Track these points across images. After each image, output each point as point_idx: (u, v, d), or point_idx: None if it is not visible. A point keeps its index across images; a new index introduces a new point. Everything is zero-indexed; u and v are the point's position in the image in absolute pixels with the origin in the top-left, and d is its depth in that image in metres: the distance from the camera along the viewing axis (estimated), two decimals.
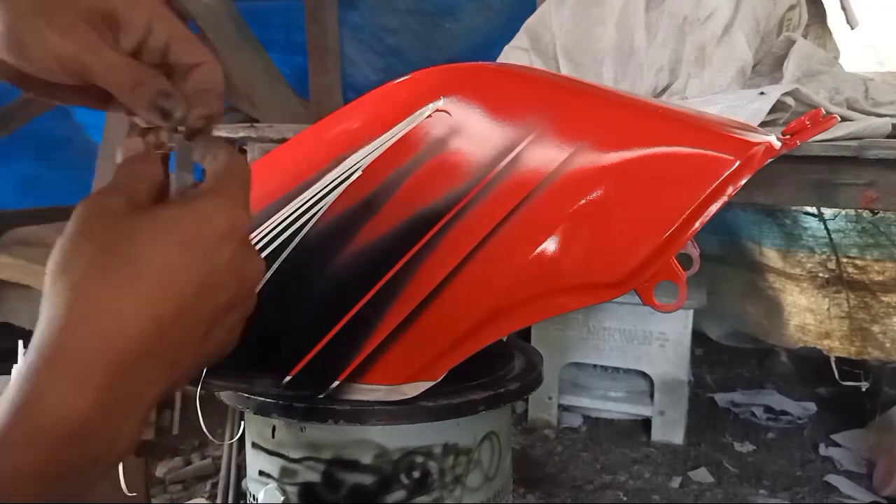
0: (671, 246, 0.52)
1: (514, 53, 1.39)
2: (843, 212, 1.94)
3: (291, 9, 2.36)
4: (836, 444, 2.00)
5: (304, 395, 0.58)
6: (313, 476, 0.62)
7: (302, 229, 0.60)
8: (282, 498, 0.62)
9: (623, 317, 2.04)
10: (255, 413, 0.62)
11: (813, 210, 2.01)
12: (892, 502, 1.72)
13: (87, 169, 2.03)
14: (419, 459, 0.61)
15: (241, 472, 1.40)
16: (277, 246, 0.60)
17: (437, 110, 0.60)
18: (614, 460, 1.94)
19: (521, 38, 1.41)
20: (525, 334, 2.01)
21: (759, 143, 0.53)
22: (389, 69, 2.35)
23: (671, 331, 2.00)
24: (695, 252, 0.65)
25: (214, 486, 1.71)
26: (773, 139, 0.54)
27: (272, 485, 0.63)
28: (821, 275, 2.10)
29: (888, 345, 2.02)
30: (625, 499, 1.77)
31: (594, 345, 2.09)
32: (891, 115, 1.02)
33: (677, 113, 0.59)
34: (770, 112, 0.94)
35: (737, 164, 0.52)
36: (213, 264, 0.37)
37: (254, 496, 0.66)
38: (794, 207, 2.01)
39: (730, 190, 0.52)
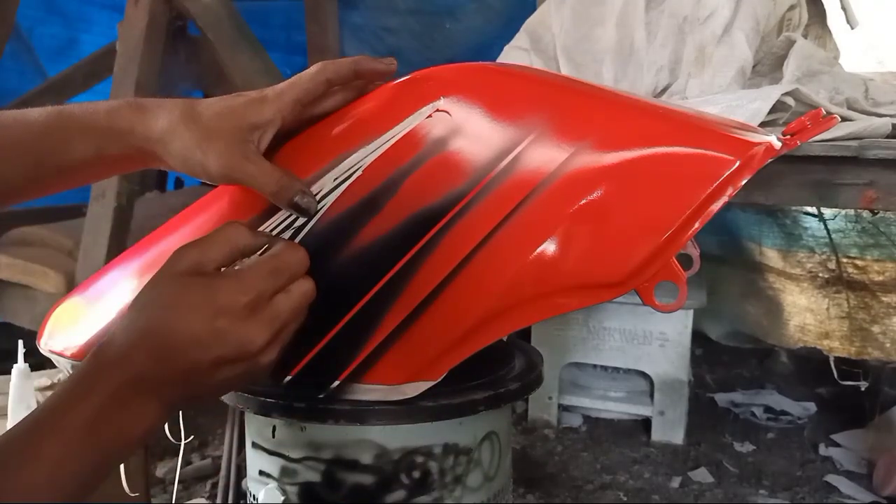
0: (671, 246, 0.52)
1: (514, 53, 1.39)
2: (843, 212, 1.93)
3: (291, 9, 2.36)
4: (836, 444, 2.00)
5: (304, 395, 0.58)
6: (313, 476, 0.62)
7: (302, 229, 0.60)
8: (282, 498, 0.62)
9: (623, 317, 2.04)
10: (255, 413, 0.62)
11: (813, 210, 2.00)
12: (892, 502, 1.72)
13: None
14: (419, 459, 0.61)
15: (241, 472, 1.40)
16: None
17: (437, 110, 0.60)
18: (614, 460, 1.94)
19: (521, 38, 1.41)
20: (525, 334, 2.01)
21: (760, 144, 0.53)
22: None
23: (671, 331, 2.00)
24: (695, 252, 0.65)
25: (214, 486, 1.71)
26: (774, 139, 0.54)
27: (272, 485, 0.63)
28: (821, 275, 2.10)
29: (888, 345, 2.02)
30: (625, 499, 1.77)
31: (594, 345, 2.09)
32: (891, 115, 1.02)
33: (677, 113, 0.59)
34: (770, 112, 0.94)
35: (737, 164, 0.52)
36: (210, 330, 0.48)
37: (254, 496, 0.66)
38: (794, 207, 2.01)
39: (730, 190, 0.52)
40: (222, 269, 0.51)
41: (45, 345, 0.68)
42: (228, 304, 0.49)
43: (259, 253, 0.54)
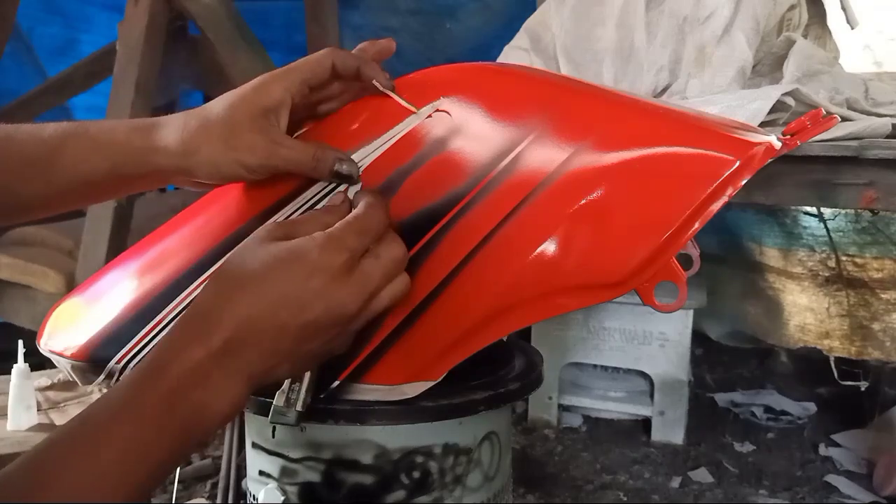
0: (671, 246, 0.52)
1: (514, 53, 1.39)
2: (843, 211, 1.94)
3: (291, 9, 2.36)
4: (836, 444, 2.00)
5: None
6: (313, 476, 0.62)
7: None
8: (282, 498, 0.62)
9: (623, 317, 2.04)
10: (255, 413, 0.62)
11: (813, 210, 2.01)
12: (892, 502, 1.72)
13: None
14: (419, 459, 0.61)
15: (241, 472, 1.40)
16: None
17: (437, 110, 0.60)
18: (614, 460, 1.94)
19: (521, 38, 1.41)
20: (525, 334, 2.01)
21: (760, 144, 0.53)
22: (389, 69, 2.35)
23: (671, 331, 2.00)
24: (695, 252, 0.65)
25: (214, 486, 1.71)
26: (774, 139, 0.54)
27: (272, 485, 0.63)
28: (821, 273, 2.10)
29: (888, 344, 2.02)
30: (625, 499, 1.77)
31: (594, 345, 2.09)
32: (891, 115, 1.02)
33: (677, 113, 0.59)
34: (770, 112, 0.94)
35: (737, 164, 0.52)
36: (302, 290, 0.46)
37: (254, 496, 0.66)
38: (793, 207, 2.01)
39: (730, 190, 0.52)
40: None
41: (45, 345, 0.68)
42: (324, 264, 0.46)
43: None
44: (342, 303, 0.47)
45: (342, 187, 0.60)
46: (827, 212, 1.97)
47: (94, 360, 0.63)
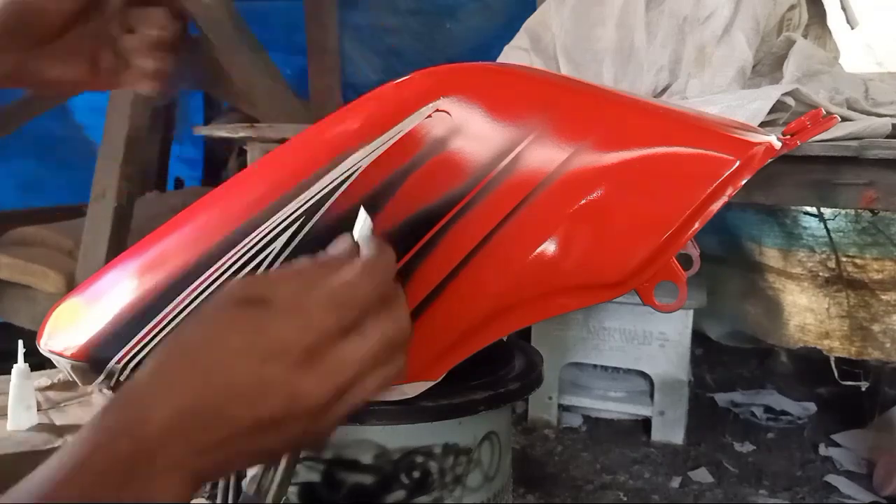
0: (671, 246, 0.52)
1: (514, 53, 1.39)
2: (843, 211, 1.94)
3: (291, 9, 2.36)
4: (836, 444, 2.00)
5: None
6: (313, 476, 0.62)
7: (302, 229, 0.60)
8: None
9: (623, 317, 2.04)
10: None
11: (813, 210, 2.01)
12: (892, 502, 1.72)
13: (87, 169, 2.04)
14: (419, 459, 0.61)
15: (242, 471, 1.40)
16: (277, 246, 0.60)
17: (437, 110, 0.60)
18: (614, 460, 1.94)
19: (521, 38, 1.41)
20: (525, 334, 2.01)
21: (760, 144, 0.53)
22: (389, 69, 2.35)
23: (671, 331, 2.00)
24: (695, 252, 0.65)
25: (214, 486, 1.71)
26: (774, 139, 0.54)
27: None
28: (821, 274, 2.10)
29: (888, 344, 2.02)
30: (625, 499, 1.77)
31: (594, 345, 2.09)
32: (891, 115, 1.02)
33: (677, 113, 0.59)
34: (770, 112, 0.94)
35: (737, 164, 0.52)
36: (256, 378, 0.38)
37: None
38: (793, 207, 2.01)
39: (730, 190, 0.52)
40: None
41: (45, 345, 0.68)
42: (281, 346, 0.38)
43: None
44: (304, 394, 0.38)
45: (355, 230, 0.45)
46: (827, 212, 1.97)
47: (94, 360, 0.63)
